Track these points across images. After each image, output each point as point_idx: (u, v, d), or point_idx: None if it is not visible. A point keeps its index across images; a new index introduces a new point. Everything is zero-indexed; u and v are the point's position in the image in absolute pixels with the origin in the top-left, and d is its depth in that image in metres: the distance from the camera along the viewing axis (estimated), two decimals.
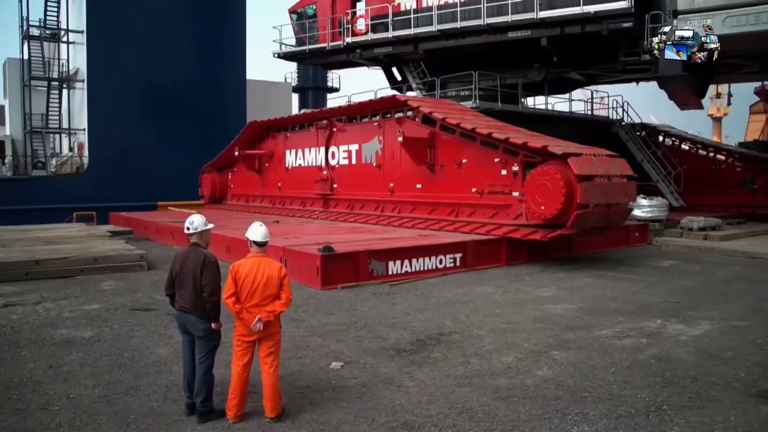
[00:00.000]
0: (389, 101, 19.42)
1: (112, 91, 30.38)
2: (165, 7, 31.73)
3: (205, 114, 32.30)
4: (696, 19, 18.33)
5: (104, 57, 30.31)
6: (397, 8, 24.14)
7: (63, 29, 32.17)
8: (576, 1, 19.95)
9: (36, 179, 29.73)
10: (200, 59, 32.89)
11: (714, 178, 26.19)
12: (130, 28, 30.53)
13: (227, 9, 34.05)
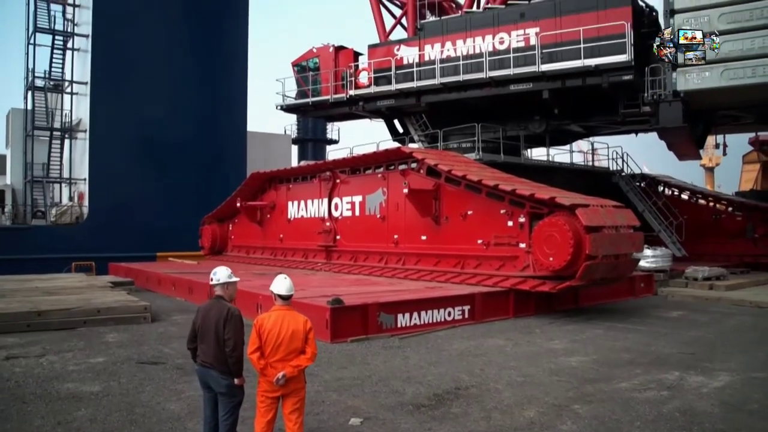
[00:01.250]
0: (394, 153, 19.51)
1: (113, 141, 30.59)
2: (168, 59, 32.20)
3: (206, 165, 32.44)
4: (694, 72, 18.66)
5: (107, 108, 30.62)
6: (399, 62, 24.52)
7: (67, 80, 32.50)
8: (577, 54, 20.34)
9: (35, 228, 29.67)
10: (202, 111, 33.17)
11: (715, 228, 26.27)
12: (133, 79, 30.91)
13: (230, 62, 34.51)
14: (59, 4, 32.88)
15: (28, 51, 32.34)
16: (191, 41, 33.18)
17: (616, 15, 20.13)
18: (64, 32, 32.50)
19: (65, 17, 32.83)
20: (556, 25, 21.24)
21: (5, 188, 34.49)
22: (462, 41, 23.17)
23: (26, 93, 32.91)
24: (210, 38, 33.73)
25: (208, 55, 33.53)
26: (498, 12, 22.94)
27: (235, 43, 35.02)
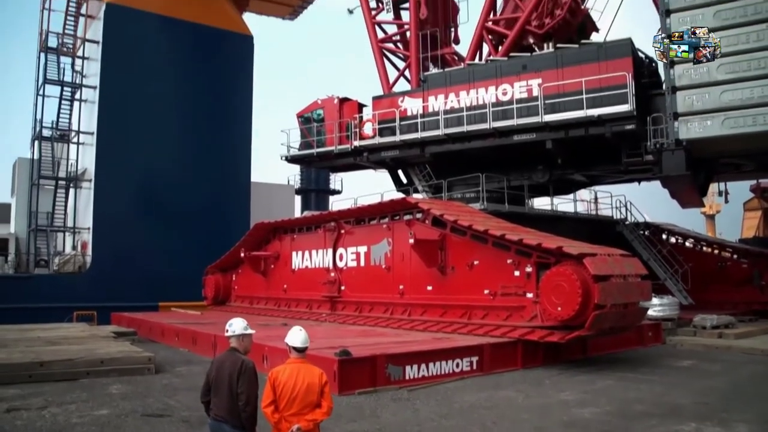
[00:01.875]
0: (399, 203, 19.56)
1: (118, 190, 30.83)
2: (174, 111, 32.70)
3: (209, 215, 32.57)
4: (696, 120, 18.87)
5: (112, 158, 30.94)
6: (403, 113, 24.82)
7: (74, 130, 32.87)
8: (579, 104, 20.59)
9: (38, 277, 29.66)
10: (206, 161, 33.45)
11: (720, 275, 26.15)
12: (138, 130, 31.34)
13: (234, 113, 34.98)
14: (69, 57, 33.42)
15: (36, 102, 32.86)
16: (196, 93, 33.68)
17: (616, 66, 20.46)
18: (73, 84, 32.96)
19: (74, 69, 33.34)
20: (558, 76, 21.55)
21: (9, 237, 34.57)
22: (465, 92, 23.49)
23: (33, 142, 33.26)
24: (215, 90, 34.27)
25: (213, 107, 34.00)
26: (500, 64, 23.30)
27: (240, 96, 35.58)
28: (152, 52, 32.74)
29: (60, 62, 32.86)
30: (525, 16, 24.84)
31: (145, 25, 32.45)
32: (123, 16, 31.84)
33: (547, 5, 24.26)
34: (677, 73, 19.12)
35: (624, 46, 20.85)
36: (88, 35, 33.21)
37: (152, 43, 32.86)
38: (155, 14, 32.83)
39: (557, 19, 23.88)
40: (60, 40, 33.45)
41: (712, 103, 18.62)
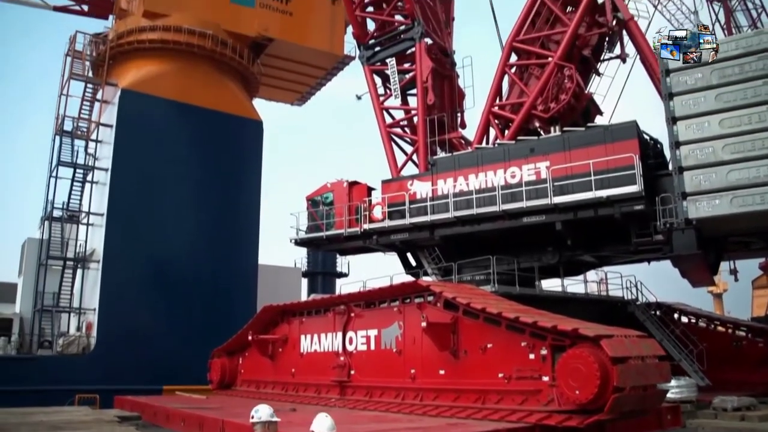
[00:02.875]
0: (410, 286, 19.48)
1: (125, 272, 31.05)
2: (183, 193, 33.30)
3: (216, 298, 32.62)
4: (704, 200, 18.99)
5: (121, 239, 31.38)
6: (413, 196, 25.08)
7: (84, 211, 33.23)
8: (587, 186, 20.80)
9: (41, 359, 29.47)
10: (214, 244, 33.75)
11: (736, 355, 25.71)
12: (148, 212, 31.88)
13: (243, 197, 35.49)
14: (83, 140, 34.15)
15: (49, 183, 33.60)
16: (206, 176, 34.39)
17: (623, 148, 20.79)
18: (85, 166, 33.62)
19: (87, 152, 34.06)
20: (566, 158, 21.87)
21: (13, 317, 34.49)
22: (474, 176, 23.79)
23: (43, 223, 33.71)
24: (225, 173, 35.02)
25: (222, 190, 34.64)
26: (508, 147, 23.69)
27: (248, 179, 36.26)
28: (163, 136, 33.69)
29: (74, 145, 33.63)
30: (530, 101, 25.40)
31: (157, 110, 33.53)
32: (137, 101, 32.92)
33: (552, 90, 24.85)
34: (683, 153, 19.41)
35: (629, 128, 21.25)
36: (102, 119, 34.18)
37: (164, 127, 33.82)
38: (168, 100, 33.97)
39: (562, 103, 24.40)
40: (75, 123, 34.31)
41: (720, 183, 18.80)
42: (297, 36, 39.28)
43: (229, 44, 36.15)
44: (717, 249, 22.47)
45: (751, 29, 55.63)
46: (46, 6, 37.16)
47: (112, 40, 35.05)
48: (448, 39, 31.50)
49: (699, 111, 19.53)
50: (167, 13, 34.91)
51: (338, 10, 40.15)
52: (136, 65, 34.78)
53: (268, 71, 40.67)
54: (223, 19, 36.59)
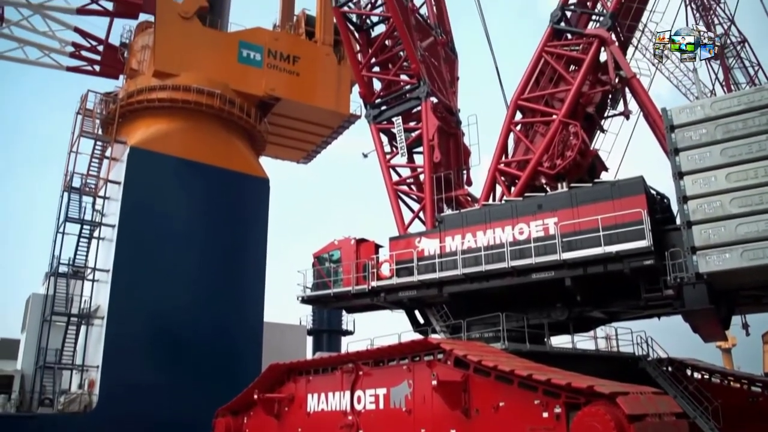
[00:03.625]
0: (420, 344, 19.34)
1: (130, 328, 31.00)
2: (189, 251, 33.38)
3: (220, 355, 32.36)
4: (714, 254, 18.91)
5: (126, 296, 31.35)
6: (421, 253, 25.03)
7: (90, 267, 33.18)
8: (596, 242, 20.76)
9: (41, 417, 29.05)
10: (219, 301, 33.75)
11: (752, 411, 25.22)
12: (153, 269, 31.95)
13: (249, 254, 35.54)
14: (90, 196, 34.39)
15: (56, 239, 33.67)
16: (212, 233, 34.66)
17: (631, 203, 20.80)
18: (92, 222, 33.81)
19: (94, 208, 34.26)
20: (574, 214, 21.87)
21: (14, 374, 34.12)
22: (482, 232, 23.76)
23: (48, 278, 33.73)
24: (231, 230, 35.29)
25: (228, 247, 34.82)
26: (516, 204, 23.74)
27: (255, 236, 36.43)
28: (171, 193, 34.10)
29: (82, 201, 33.92)
30: (536, 158, 25.57)
31: (165, 167, 34.05)
32: (145, 158, 33.44)
33: (557, 147, 25.03)
34: (691, 208, 19.42)
35: (636, 183, 21.31)
36: (111, 176, 34.60)
37: (171, 184, 34.27)
38: (176, 157, 34.51)
39: (568, 160, 24.52)
40: (84, 180, 34.62)
41: (729, 236, 18.75)
42: (304, 95, 39.97)
43: (237, 103, 36.81)
44: (728, 303, 22.28)
45: (749, 86, 56.61)
46: (59, 66, 37.96)
47: (123, 99, 35.75)
48: (453, 98, 31.98)
49: (705, 166, 19.61)
50: (177, 72, 35.66)
51: (344, 69, 40.96)
52: (145, 123, 35.36)
53: (274, 130, 41.28)
54: (232, 78, 37.33)
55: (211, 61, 37.16)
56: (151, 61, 36.15)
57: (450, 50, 33.67)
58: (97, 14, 36.20)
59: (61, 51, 37.62)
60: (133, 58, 38.16)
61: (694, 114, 20.37)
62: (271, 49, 39.30)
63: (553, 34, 27.72)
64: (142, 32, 38.76)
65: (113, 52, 38.63)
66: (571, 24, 28.13)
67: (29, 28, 36.51)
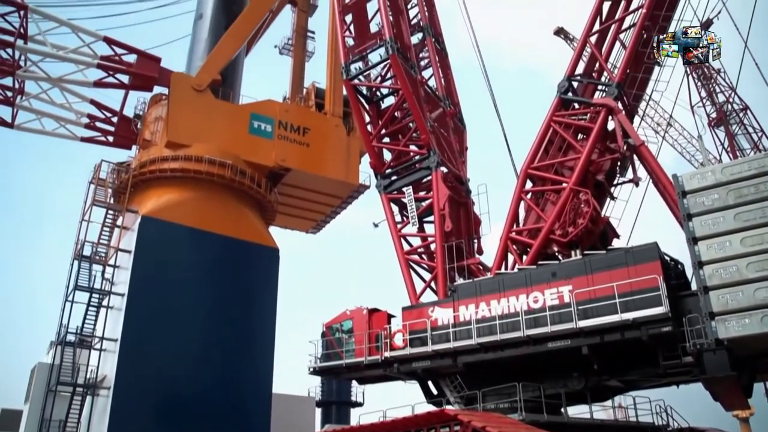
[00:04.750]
0: (436, 416, 19.05)
1: (137, 399, 30.48)
2: (199, 319, 33.34)
3: (230, 428, 31.74)
4: (733, 319, 18.71)
5: (134, 365, 30.97)
6: (434, 323, 24.86)
7: (97, 337, 32.87)
8: (612, 309, 20.65)
9: None
10: (228, 372, 33.34)
11: None
12: (163, 338, 31.67)
13: (258, 323, 35.39)
14: (100, 265, 34.37)
15: (64, 307, 33.36)
16: (222, 302, 34.52)
17: (646, 270, 20.81)
18: (101, 290, 33.62)
19: (104, 277, 34.16)
20: (588, 282, 21.83)
21: None
22: (496, 301, 23.65)
23: (55, 347, 33.32)
24: (240, 300, 35.18)
25: (237, 317, 34.63)
26: (530, 272, 23.69)
27: (264, 306, 36.28)
28: (181, 262, 34.11)
29: (92, 270, 33.84)
30: (548, 226, 25.65)
31: (176, 236, 34.17)
32: (156, 227, 33.61)
33: (569, 215, 25.15)
34: (707, 273, 19.41)
35: (651, 250, 21.33)
36: (121, 245, 34.58)
37: (182, 253, 34.31)
38: (186, 227, 34.65)
39: (580, 227, 24.57)
40: (94, 248, 34.62)
41: (748, 301, 18.65)
42: (313, 166, 40.36)
43: (248, 174, 37.15)
44: (750, 370, 21.88)
45: (753, 151, 57.36)
46: (74, 137, 38.54)
47: (135, 169, 36.15)
48: (462, 167, 32.37)
49: (719, 231, 19.72)
50: (189, 143, 36.15)
51: (353, 140, 41.56)
52: (157, 193, 35.63)
53: (284, 200, 41.52)
54: (243, 149, 37.81)
55: (222, 132, 37.71)
56: (164, 131, 36.68)
57: (458, 121, 34.28)
58: (114, 87, 37.05)
59: (76, 122, 38.24)
60: (146, 129, 38.75)
61: (705, 179, 20.60)
62: (282, 120, 39.92)
63: (560, 104, 28.27)
64: (155, 104, 39.47)
65: (127, 123, 39.25)
66: (577, 94, 28.73)
67: (47, 101, 37.25)
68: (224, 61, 39.52)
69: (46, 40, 35.20)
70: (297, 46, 47.94)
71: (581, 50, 29.09)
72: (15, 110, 36.29)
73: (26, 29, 34.27)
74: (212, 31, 42.42)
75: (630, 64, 27.35)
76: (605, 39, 28.95)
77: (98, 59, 35.97)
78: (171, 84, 37.16)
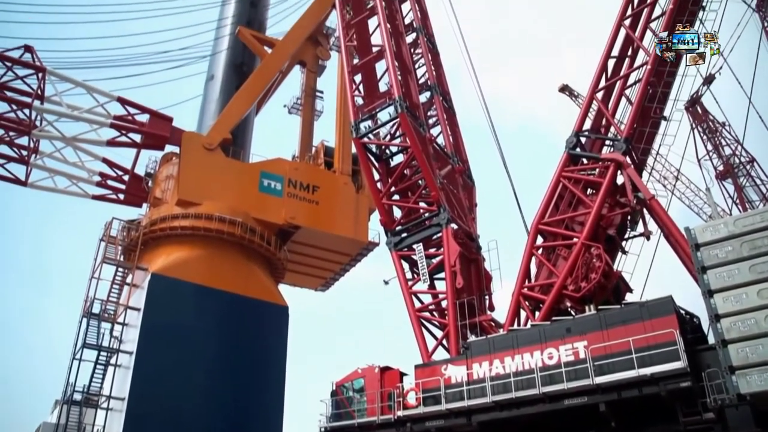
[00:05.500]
0: None
1: None
2: (207, 377, 33.12)
3: None
4: (755, 373, 18.33)
5: (141, 426, 30.46)
6: (448, 381, 24.44)
7: (104, 395, 32.44)
8: (628, 364, 20.30)
9: None
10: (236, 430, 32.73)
11: None
12: (171, 396, 31.33)
13: (267, 381, 35.05)
14: (109, 323, 34.19)
15: (71, 365, 33.07)
16: (231, 360, 34.43)
17: (662, 324, 20.55)
18: (109, 348, 33.36)
19: (112, 335, 33.96)
20: (604, 337, 21.53)
21: None
22: (510, 358, 23.27)
23: (60, 406, 32.86)
24: (249, 357, 35.00)
25: (246, 374, 34.28)
26: (544, 328, 23.41)
27: (273, 363, 35.96)
28: (190, 319, 34.15)
29: (100, 327, 33.70)
30: (560, 282, 25.47)
31: (185, 294, 34.30)
32: (166, 285, 33.67)
33: (581, 270, 24.99)
34: (725, 326, 19.13)
35: (666, 303, 21.12)
36: (130, 302, 34.59)
37: (191, 310, 34.38)
38: (196, 284, 34.60)
39: (593, 282, 24.37)
40: (103, 306, 34.49)
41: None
42: (323, 224, 40.54)
43: (258, 231, 37.34)
44: None
45: (762, 203, 57.41)
46: (86, 195, 38.94)
47: (146, 227, 36.40)
48: (472, 224, 32.37)
49: (735, 283, 19.50)
50: (200, 201, 36.46)
51: (362, 198, 41.81)
52: (167, 251, 35.77)
53: (293, 257, 41.53)
54: (253, 207, 38.08)
55: (233, 191, 38.06)
56: (176, 189, 37.02)
57: (467, 177, 34.47)
58: (126, 146, 37.60)
59: (88, 180, 38.70)
60: (157, 187, 39.13)
61: (718, 232, 20.53)
62: (291, 178, 40.30)
63: (569, 160, 28.45)
64: (166, 163, 39.98)
65: (138, 181, 39.71)
66: (585, 149, 28.94)
67: (60, 159, 37.79)
68: (235, 121, 40.22)
69: (61, 100, 36.02)
70: (306, 105, 48.76)
71: (588, 106, 29.42)
72: (29, 169, 36.84)
73: (43, 90, 35.14)
74: (223, 91, 43.41)
75: (637, 119, 27.65)
76: (611, 95, 29.35)
77: (112, 119, 36.67)
78: (182, 143, 37.72)
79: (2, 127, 35.04)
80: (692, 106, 59.61)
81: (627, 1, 29.92)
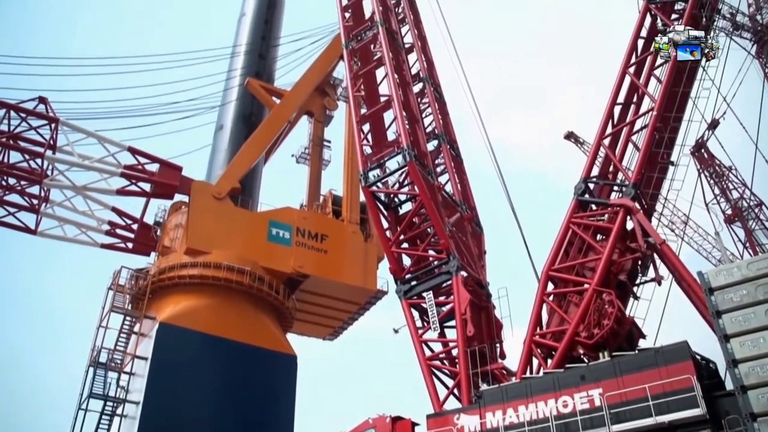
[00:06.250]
0: None
1: None
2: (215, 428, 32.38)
3: None
4: None
5: None
6: (461, 431, 23.98)
7: None
8: (646, 412, 19.90)
9: None
10: None
11: None
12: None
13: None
14: (116, 372, 33.88)
15: (77, 416, 32.72)
16: (239, 409, 34.10)
17: (678, 370, 20.13)
18: (116, 398, 32.96)
19: (119, 384, 33.63)
20: (619, 384, 21.15)
21: None
22: (524, 407, 22.83)
23: None
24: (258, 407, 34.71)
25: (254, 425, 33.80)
26: (557, 376, 23.03)
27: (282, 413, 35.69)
28: (198, 369, 33.95)
29: (107, 377, 33.38)
30: (573, 329, 25.14)
31: (193, 343, 34.20)
32: (174, 334, 33.59)
33: (593, 316, 24.74)
34: (743, 371, 18.80)
35: (682, 349, 20.76)
36: (138, 351, 34.34)
37: (198, 359, 34.21)
38: (204, 333, 34.48)
39: (606, 329, 24.05)
40: (110, 355, 34.20)
41: None
42: (331, 272, 40.54)
43: (266, 280, 37.33)
44: None
45: None
46: (94, 244, 39.09)
47: (154, 275, 36.38)
48: (482, 271, 32.23)
49: (751, 327, 19.23)
50: (208, 250, 36.57)
51: (371, 246, 41.83)
52: (175, 299, 35.73)
53: (302, 306, 41.43)
54: (261, 256, 38.15)
55: (241, 240, 38.22)
56: (184, 238, 37.18)
57: (476, 225, 34.47)
58: (136, 195, 37.92)
59: (97, 229, 38.90)
60: (165, 235, 39.30)
61: (731, 276, 20.36)
62: (300, 227, 40.46)
63: (578, 206, 28.43)
64: (175, 212, 40.23)
65: (146, 230, 39.93)
66: (594, 195, 28.97)
67: (70, 208, 38.10)
68: (244, 170, 40.62)
69: (73, 150, 36.54)
70: (313, 154, 49.25)
71: (596, 153, 29.53)
72: (39, 217, 37.08)
73: (56, 140, 35.68)
74: (232, 141, 43.96)
75: (644, 164, 27.77)
76: (618, 141, 29.53)
77: (122, 168, 37.08)
78: (192, 192, 38.04)
79: (14, 177, 35.47)
80: (698, 151, 59.98)
81: (631, 50, 30.37)
